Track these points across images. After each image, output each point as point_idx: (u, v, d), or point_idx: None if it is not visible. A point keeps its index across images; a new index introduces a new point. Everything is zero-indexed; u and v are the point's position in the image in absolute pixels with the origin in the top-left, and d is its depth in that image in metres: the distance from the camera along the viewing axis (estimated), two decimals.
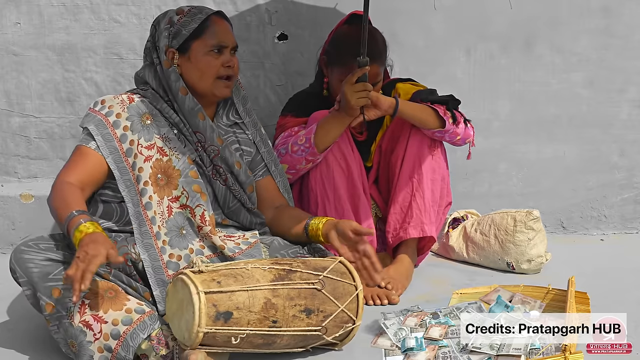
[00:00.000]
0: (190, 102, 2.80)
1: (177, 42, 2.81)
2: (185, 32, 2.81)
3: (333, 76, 3.28)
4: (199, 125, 2.82)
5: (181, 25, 2.81)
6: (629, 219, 4.01)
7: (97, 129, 2.74)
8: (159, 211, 2.72)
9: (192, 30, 2.80)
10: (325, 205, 3.17)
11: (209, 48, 2.81)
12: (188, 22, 2.82)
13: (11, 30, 3.81)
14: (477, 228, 3.56)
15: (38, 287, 2.51)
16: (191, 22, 2.81)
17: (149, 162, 2.74)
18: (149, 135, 2.77)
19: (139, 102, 2.81)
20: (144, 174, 2.73)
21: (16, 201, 3.77)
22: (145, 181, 2.72)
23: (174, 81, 2.80)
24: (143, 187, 2.71)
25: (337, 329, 2.55)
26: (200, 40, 2.81)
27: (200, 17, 2.82)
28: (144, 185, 2.72)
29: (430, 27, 3.85)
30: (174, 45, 2.82)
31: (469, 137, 3.32)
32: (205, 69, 2.82)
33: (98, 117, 2.76)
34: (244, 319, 2.38)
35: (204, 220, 2.78)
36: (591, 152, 3.96)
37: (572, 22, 3.87)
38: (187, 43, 2.81)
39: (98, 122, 2.75)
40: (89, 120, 2.77)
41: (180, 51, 2.82)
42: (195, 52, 2.82)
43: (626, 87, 3.92)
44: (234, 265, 2.47)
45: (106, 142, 2.73)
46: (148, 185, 2.72)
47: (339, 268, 2.61)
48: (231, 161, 2.86)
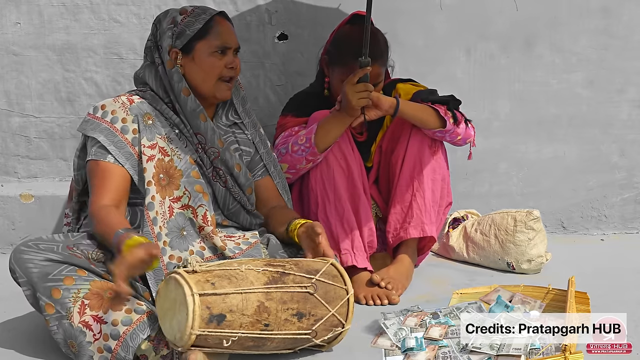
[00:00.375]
0: (192, 103, 2.80)
1: (180, 42, 2.80)
2: (190, 32, 2.79)
3: (334, 76, 3.28)
4: (200, 126, 2.82)
5: (185, 25, 2.80)
6: (629, 219, 4.01)
7: (107, 139, 2.71)
8: (161, 212, 2.71)
9: (197, 31, 2.79)
10: (325, 205, 3.17)
11: (213, 49, 2.81)
12: (192, 22, 2.81)
13: (11, 30, 3.81)
14: (477, 228, 3.56)
15: (38, 288, 2.50)
16: (195, 22, 2.80)
17: (152, 162, 2.73)
18: (151, 135, 2.76)
19: (139, 102, 2.80)
20: (147, 174, 2.71)
21: (16, 201, 3.77)
22: (148, 181, 2.71)
23: (177, 82, 2.79)
24: (147, 187, 2.70)
25: (326, 332, 2.54)
26: (204, 41, 2.80)
27: (205, 18, 2.81)
28: (147, 185, 2.71)
29: (431, 26, 3.85)
30: (178, 45, 2.80)
31: (469, 137, 3.32)
32: (209, 70, 2.81)
33: (104, 126, 2.73)
34: (237, 321, 2.37)
35: (206, 221, 2.77)
36: (591, 152, 3.96)
37: (572, 22, 3.87)
38: (191, 43, 2.80)
39: (107, 132, 2.72)
40: (93, 128, 2.73)
41: (183, 51, 2.81)
42: (199, 52, 2.81)
43: (626, 87, 3.92)
44: (228, 266, 2.45)
45: (120, 150, 2.71)
46: (151, 185, 2.71)
47: (330, 271, 2.60)
48: (231, 163, 2.86)
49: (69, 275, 2.51)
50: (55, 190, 3.76)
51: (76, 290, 2.50)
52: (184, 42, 2.80)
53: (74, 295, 2.49)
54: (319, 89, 3.40)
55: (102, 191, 2.67)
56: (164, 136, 2.79)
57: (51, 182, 3.88)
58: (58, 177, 3.92)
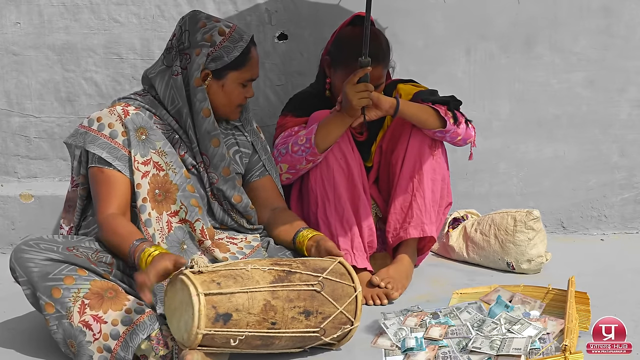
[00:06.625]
0: (209, 126, 2.80)
1: (214, 66, 2.80)
2: (227, 59, 2.80)
3: (336, 77, 3.28)
4: (209, 149, 2.82)
5: (223, 50, 2.79)
6: (629, 219, 4.01)
7: (110, 155, 2.70)
8: (158, 227, 2.70)
9: (234, 59, 2.80)
10: (325, 205, 3.17)
11: (242, 81, 2.85)
12: (230, 48, 2.80)
13: (11, 30, 3.81)
14: (477, 228, 3.56)
15: (38, 287, 2.50)
16: (233, 49, 2.81)
17: (146, 178, 2.72)
18: (144, 151, 2.74)
19: (134, 115, 2.77)
20: (141, 190, 2.70)
21: (16, 201, 3.77)
22: (143, 197, 2.70)
23: (200, 101, 2.78)
24: (142, 204, 2.69)
25: (335, 330, 2.55)
26: (238, 72, 2.83)
27: (242, 45, 2.82)
28: (142, 202, 2.69)
29: (431, 26, 3.85)
30: (211, 67, 2.80)
31: (470, 138, 3.32)
32: (233, 98, 2.86)
33: (104, 141, 2.72)
34: (243, 320, 2.38)
35: (205, 235, 2.77)
36: (591, 152, 3.96)
37: (572, 22, 3.86)
38: (225, 70, 2.81)
39: (109, 148, 2.71)
40: (92, 142, 2.72)
41: (214, 75, 2.81)
42: (230, 81, 2.83)
43: (626, 87, 3.92)
44: (234, 266, 2.47)
45: (124, 164, 2.71)
46: (146, 202, 2.70)
47: (338, 269, 2.60)
48: (229, 194, 2.87)
49: (69, 275, 2.51)
50: (55, 190, 3.76)
51: (76, 290, 2.50)
52: (218, 67, 2.80)
53: (74, 294, 2.49)
54: (320, 89, 3.40)
55: (108, 199, 2.67)
56: (158, 150, 2.77)
57: (51, 182, 3.89)
58: (58, 177, 3.92)
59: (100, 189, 2.69)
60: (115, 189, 2.68)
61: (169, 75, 2.80)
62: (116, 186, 2.69)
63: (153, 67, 2.87)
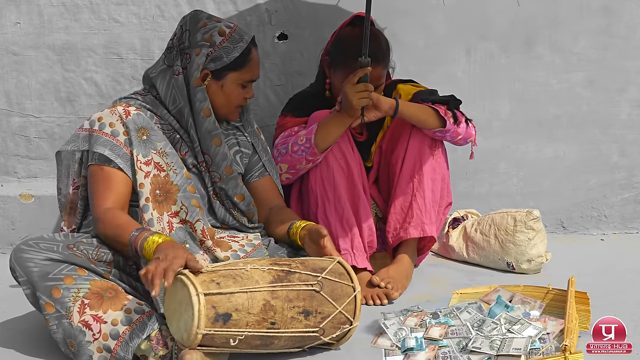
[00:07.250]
0: (210, 125, 2.80)
1: (214, 66, 2.80)
2: (227, 59, 2.80)
3: (336, 78, 3.27)
4: (211, 149, 2.82)
5: (222, 50, 2.79)
6: (629, 219, 4.01)
7: (113, 153, 2.71)
8: (159, 228, 2.70)
9: (233, 59, 2.80)
10: (325, 205, 3.17)
11: (242, 82, 2.85)
12: (230, 49, 2.80)
13: (11, 30, 3.81)
14: (477, 228, 3.56)
15: (38, 287, 2.50)
16: (233, 50, 2.80)
17: (147, 179, 2.72)
18: (145, 151, 2.74)
19: (135, 115, 2.77)
20: (144, 190, 2.71)
21: (16, 201, 3.77)
22: (146, 197, 2.70)
23: (200, 100, 2.78)
24: (145, 204, 2.69)
25: (334, 330, 2.55)
26: (237, 73, 2.82)
27: (242, 46, 2.81)
28: (145, 201, 2.70)
29: (431, 26, 3.85)
30: (210, 67, 2.80)
31: (470, 137, 3.32)
32: (232, 99, 2.85)
33: (106, 139, 2.72)
34: (243, 320, 2.38)
35: (205, 235, 2.77)
36: (591, 152, 3.96)
37: (572, 22, 3.86)
38: (225, 71, 2.81)
39: (111, 146, 2.71)
40: (95, 141, 2.72)
41: (213, 75, 2.81)
42: (229, 81, 2.83)
43: (626, 87, 3.92)
44: (233, 266, 2.47)
45: (126, 162, 2.71)
46: (149, 202, 2.70)
47: (337, 269, 2.60)
48: (232, 193, 2.87)
49: (69, 275, 2.51)
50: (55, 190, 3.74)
51: (76, 290, 2.50)
52: (218, 67, 2.80)
53: (74, 294, 2.49)
54: (319, 89, 3.40)
55: (106, 194, 2.68)
56: (159, 151, 2.77)
57: (51, 182, 3.87)
58: None
59: (98, 185, 2.70)
60: (114, 186, 2.69)
61: (170, 74, 2.81)
62: (115, 183, 2.69)
63: (154, 66, 2.87)
